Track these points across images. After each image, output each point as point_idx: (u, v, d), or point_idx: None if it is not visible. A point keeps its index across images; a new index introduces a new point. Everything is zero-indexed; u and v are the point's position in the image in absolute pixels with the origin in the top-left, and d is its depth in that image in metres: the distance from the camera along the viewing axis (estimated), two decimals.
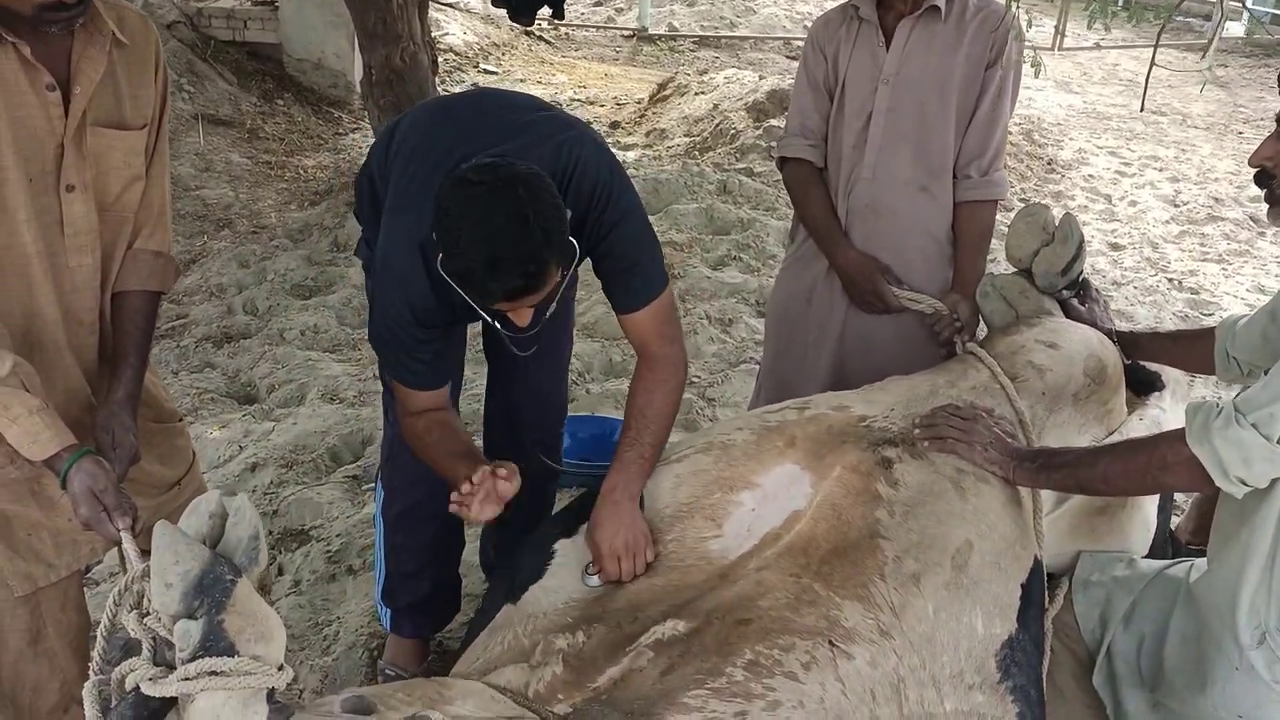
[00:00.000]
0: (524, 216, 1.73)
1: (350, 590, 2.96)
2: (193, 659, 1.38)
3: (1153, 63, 3.03)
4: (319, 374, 4.25)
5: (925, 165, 2.60)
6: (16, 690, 2.05)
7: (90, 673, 1.52)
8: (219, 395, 4.18)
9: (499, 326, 2.01)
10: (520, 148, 1.94)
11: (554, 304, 2.03)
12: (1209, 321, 5.34)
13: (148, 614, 1.48)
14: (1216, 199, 7.32)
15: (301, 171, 6.82)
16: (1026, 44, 2.56)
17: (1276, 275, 6.05)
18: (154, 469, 2.16)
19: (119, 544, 1.77)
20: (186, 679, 1.38)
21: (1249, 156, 1.85)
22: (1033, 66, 2.70)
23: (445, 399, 2.14)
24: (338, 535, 3.17)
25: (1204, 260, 6.27)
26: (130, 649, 1.76)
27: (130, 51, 1.95)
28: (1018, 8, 2.49)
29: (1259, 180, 1.82)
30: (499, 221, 1.73)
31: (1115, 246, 6.38)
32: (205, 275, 5.21)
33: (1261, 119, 9.84)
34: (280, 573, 3.07)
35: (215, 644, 1.38)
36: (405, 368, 2.08)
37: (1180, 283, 5.90)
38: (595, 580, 1.93)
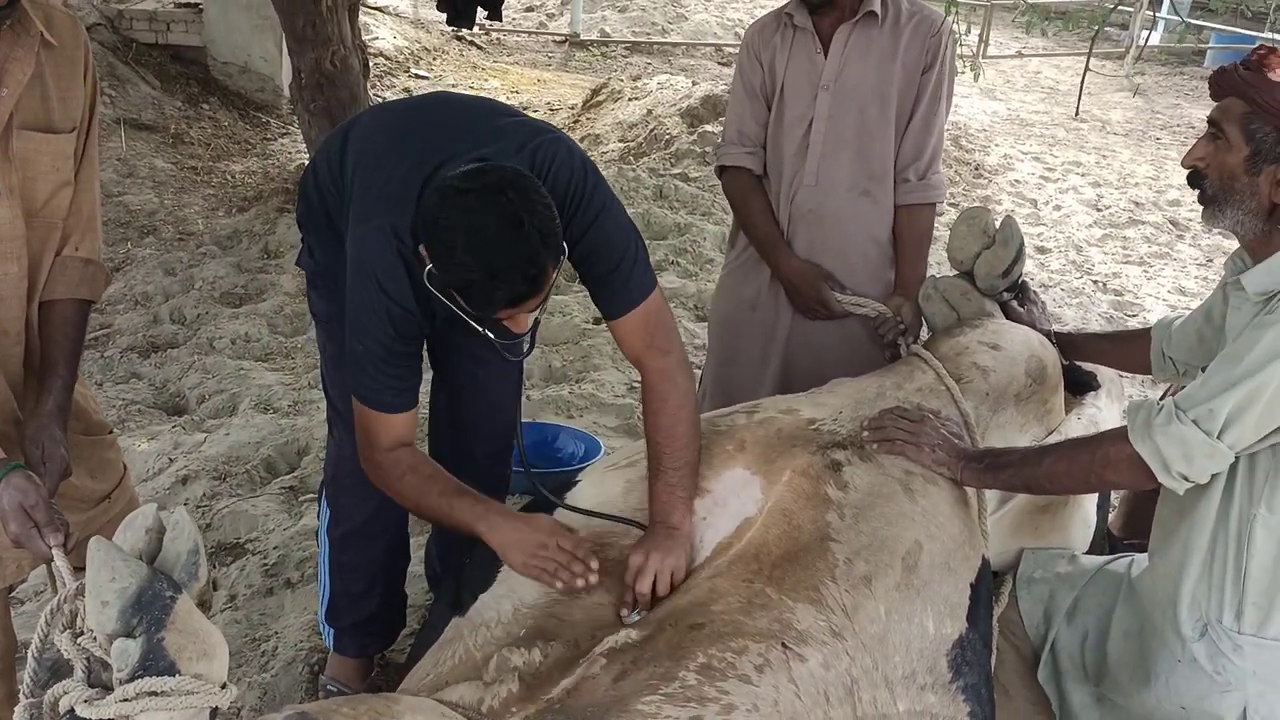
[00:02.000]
0: (518, 220, 1.68)
1: (288, 604, 2.89)
2: (131, 679, 1.34)
3: (1086, 69, 3.09)
4: (251, 383, 4.15)
5: (867, 170, 2.62)
6: None
7: (20, 695, 1.47)
8: (146, 406, 4.06)
9: (491, 336, 1.94)
10: (497, 153, 1.89)
11: (546, 305, 1.95)
12: (1133, 322, 5.48)
13: (82, 633, 1.43)
14: (1137, 203, 7.53)
15: (229, 177, 6.67)
16: (962, 49, 2.61)
17: (1196, 276, 6.23)
18: (84, 483, 2.09)
19: (50, 561, 1.70)
20: (125, 700, 1.33)
21: (1182, 158, 1.89)
22: (970, 70, 2.75)
23: (415, 425, 2.04)
24: (274, 548, 3.10)
25: (1126, 263, 6.43)
26: (58, 670, 1.70)
27: (58, 53, 1.88)
28: (955, 14, 2.52)
29: (1192, 181, 1.86)
30: (494, 228, 1.68)
31: (1041, 250, 6.51)
32: (129, 283, 5.06)
33: (1178, 125, 10.15)
34: (215, 587, 2.99)
35: (155, 663, 1.34)
36: (382, 386, 1.96)
37: (1104, 285, 6.05)
38: (635, 616, 1.85)
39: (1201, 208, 1.86)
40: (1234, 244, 1.93)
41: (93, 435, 2.16)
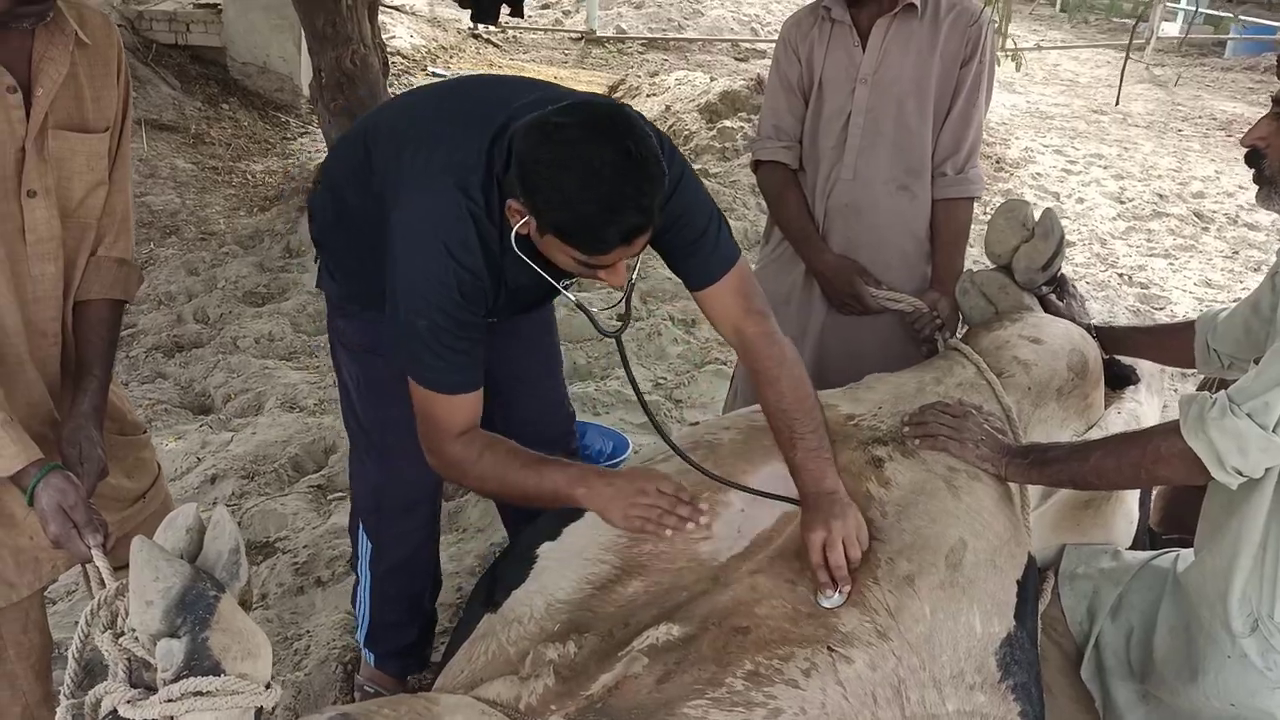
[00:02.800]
0: (626, 150, 1.58)
1: (319, 603, 2.88)
2: (176, 679, 1.32)
3: (1127, 58, 3.05)
4: (276, 382, 4.16)
5: (905, 164, 2.59)
6: None
7: (62, 696, 1.46)
8: (172, 406, 4.07)
9: (581, 307, 1.85)
10: None
11: (639, 261, 1.82)
12: (1160, 315, 5.43)
13: (123, 634, 1.42)
14: (1161, 195, 7.46)
15: (250, 177, 6.69)
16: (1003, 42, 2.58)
17: (1222, 269, 6.17)
18: (120, 482, 2.09)
19: (89, 561, 1.70)
20: (170, 700, 1.32)
21: (1242, 136, 1.85)
22: (1013, 60, 2.72)
23: (480, 407, 1.88)
24: (304, 546, 3.09)
25: (1151, 255, 6.38)
26: (93, 670, 1.69)
27: (92, 52, 1.88)
28: (994, 5, 2.49)
29: (1249, 159, 1.83)
30: (604, 158, 1.57)
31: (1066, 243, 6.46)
32: (153, 284, 5.07)
33: (1199, 117, 10.06)
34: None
35: (200, 663, 1.33)
36: (447, 363, 1.80)
37: (1130, 278, 6.00)
38: (837, 598, 1.74)
39: (1256, 188, 1.82)
40: (1260, 237, 1.90)
41: (128, 435, 2.17)
